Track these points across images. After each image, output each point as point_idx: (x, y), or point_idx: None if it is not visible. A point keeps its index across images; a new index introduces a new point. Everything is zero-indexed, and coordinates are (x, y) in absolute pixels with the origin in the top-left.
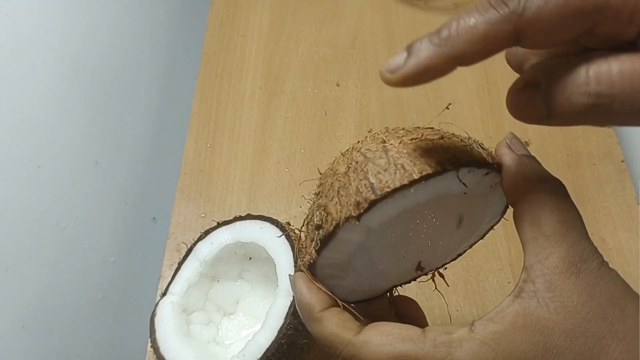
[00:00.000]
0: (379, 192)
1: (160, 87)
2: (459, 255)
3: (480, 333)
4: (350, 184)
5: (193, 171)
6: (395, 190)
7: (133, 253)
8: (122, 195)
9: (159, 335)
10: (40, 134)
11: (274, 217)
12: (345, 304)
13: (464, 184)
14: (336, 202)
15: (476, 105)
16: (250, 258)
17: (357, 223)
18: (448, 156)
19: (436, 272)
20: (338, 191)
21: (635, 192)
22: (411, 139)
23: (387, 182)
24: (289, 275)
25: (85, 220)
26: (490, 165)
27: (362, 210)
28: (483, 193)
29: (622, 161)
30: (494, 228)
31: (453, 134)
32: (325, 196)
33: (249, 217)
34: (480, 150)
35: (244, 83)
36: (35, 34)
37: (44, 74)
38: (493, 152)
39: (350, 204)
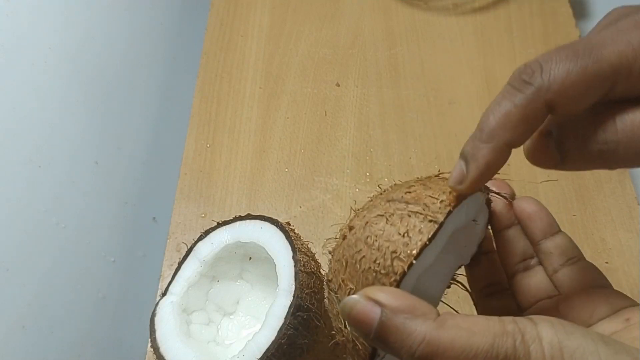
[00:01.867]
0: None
1: (160, 87)
2: None
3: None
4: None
5: (193, 171)
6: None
7: (133, 253)
8: (122, 195)
9: (159, 335)
10: (40, 134)
11: (274, 217)
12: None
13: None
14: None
15: (476, 105)
16: (250, 258)
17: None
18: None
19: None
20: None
21: (635, 192)
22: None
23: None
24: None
25: (85, 220)
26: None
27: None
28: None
29: None
30: None
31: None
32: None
33: (249, 217)
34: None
35: (244, 83)
36: (35, 34)
37: (44, 74)
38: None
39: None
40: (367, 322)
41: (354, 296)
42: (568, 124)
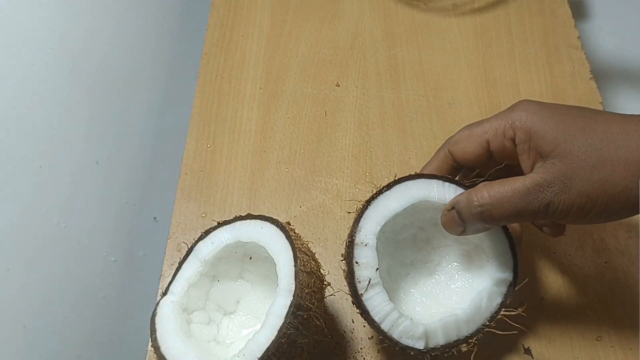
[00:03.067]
0: None
1: (160, 88)
2: None
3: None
4: None
5: (193, 171)
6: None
7: (134, 253)
8: (123, 195)
9: (160, 334)
10: (41, 134)
11: (274, 217)
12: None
13: None
14: None
15: (475, 105)
16: (250, 258)
17: None
18: None
19: None
20: None
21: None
22: None
23: None
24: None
25: (86, 220)
26: None
27: None
28: None
29: None
30: None
31: None
32: None
33: (249, 216)
34: None
35: (244, 83)
36: (35, 34)
37: (45, 74)
38: None
39: None
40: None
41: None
42: (460, 202)
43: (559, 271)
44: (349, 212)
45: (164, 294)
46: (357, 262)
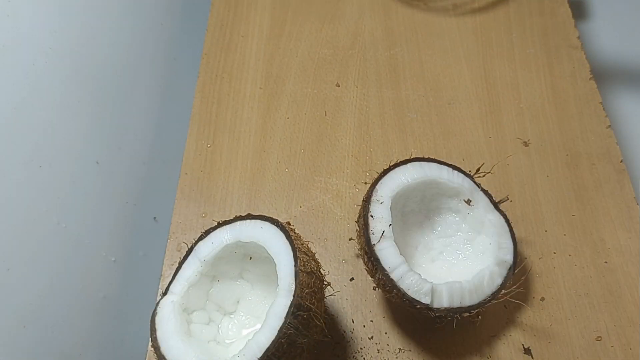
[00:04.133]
0: None
1: (160, 88)
2: None
3: None
4: None
5: (194, 171)
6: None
7: (134, 253)
8: (123, 195)
9: (160, 334)
10: (41, 134)
11: (274, 217)
12: None
13: None
14: None
15: (475, 105)
16: (250, 258)
17: None
18: None
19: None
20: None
21: (634, 191)
22: None
23: None
24: None
25: (86, 220)
26: None
27: None
28: None
29: (621, 161)
30: None
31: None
32: None
33: (249, 217)
34: None
35: (244, 83)
36: (35, 34)
37: (45, 74)
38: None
39: None
40: None
41: None
42: None
43: (559, 271)
44: (365, 183)
45: (164, 294)
46: (372, 216)
